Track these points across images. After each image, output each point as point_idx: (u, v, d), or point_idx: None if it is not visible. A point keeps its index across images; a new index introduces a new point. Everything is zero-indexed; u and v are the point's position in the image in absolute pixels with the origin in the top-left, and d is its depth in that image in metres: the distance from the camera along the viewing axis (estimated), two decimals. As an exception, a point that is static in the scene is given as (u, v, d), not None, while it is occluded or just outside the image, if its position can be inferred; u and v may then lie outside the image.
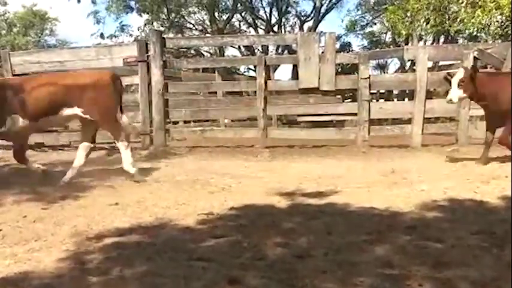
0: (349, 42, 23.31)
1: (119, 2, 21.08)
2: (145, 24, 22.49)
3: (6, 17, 24.86)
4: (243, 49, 22.49)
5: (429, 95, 9.70)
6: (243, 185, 5.73)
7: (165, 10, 21.58)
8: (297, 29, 23.40)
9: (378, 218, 4.10)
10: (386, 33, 21.46)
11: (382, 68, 24.88)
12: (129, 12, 21.96)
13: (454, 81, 6.57)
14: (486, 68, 9.48)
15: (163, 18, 22.18)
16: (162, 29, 19.95)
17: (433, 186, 5.20)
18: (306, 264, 3.03)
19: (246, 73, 22.93)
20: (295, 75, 14.51)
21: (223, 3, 23.10)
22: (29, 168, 6.35)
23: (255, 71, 10.84)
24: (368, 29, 22.81)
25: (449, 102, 6.82)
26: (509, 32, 12.21)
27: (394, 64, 23.90)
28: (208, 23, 23.66)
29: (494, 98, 6.48)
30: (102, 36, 22.40)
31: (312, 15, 23.64)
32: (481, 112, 9.11)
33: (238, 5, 22.93)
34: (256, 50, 21.81)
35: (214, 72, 13.42)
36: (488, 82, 6.59)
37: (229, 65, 13.82)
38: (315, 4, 22.96)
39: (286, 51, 20.96)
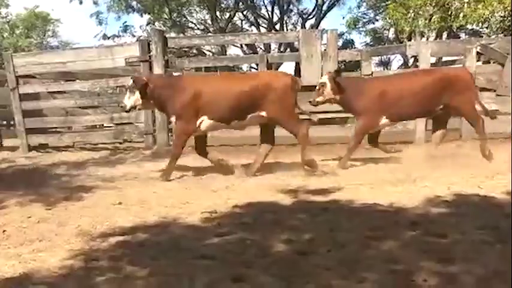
0: (352, 40, 23.23)
1: (121, 2, 21.10)
2: (147, 24, 22.52)
3: (8, 19, 24.91)
4: (245, 48, 22.45)
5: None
6: (246, 183, 5.73)
7: (167, 10, 21.59)
8: (299, 27, 23.34)
9: (382, 214, 4.09)
10: (389, 29, 21.36)
11: (385, 64, 24.82)
12: (130, 13, 21.98)
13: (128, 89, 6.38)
14: (489, 63, 9.45)
15: (165, 18, 22.18)
16: (164, 28, 19.94)
17: (437, 182, 5.18)
18: (309, 261, 3.03)
19: (248, 72, 22.93)
20: (297, 72, 14.48)
21: (225, 2, 23.09)
22: None
23: (257, 69, 10.82)
24: (370, 26, 22.72)
25: (123, 110, 6.61)
26: (511, 25, 12.16)
27: (397, 61, 23.85)
28: (210, 22, 23.65)
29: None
30: (105, 37, 22.42)
31: (314, 13, 23.60)
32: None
33: (240, 3, 22.91)
34: (258, 49, 21.79)
35: (216, 71, 13.42)
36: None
37: (232, 64, 13.79)
38: (316, 2, 22.91)
39: (288, 49, 20.94)
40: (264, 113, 6.28)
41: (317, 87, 6.91)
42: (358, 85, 7.05)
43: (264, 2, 23.56)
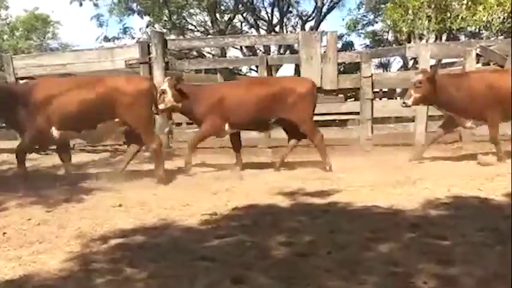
0: (352, 42, 23.18)
1: (121, 4, 21.11)
2: (147, 26, 22.52)
3: (8, 21, 24.90)
4: (244, 50, 22.44)
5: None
6: (246, 185, 5.73)
7: (167, 12, 21.60)
8: (298, 29, 23.28)
9: (382, 216, 4.09)
10: (388, 31, 21.37)
11: (385, 66, 24.76)
12: (130, 15, 21.99)
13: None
14: (489, 64, 9.45)
15: (165, 20, 22.16)
16: (163, 30, 19.94)
17: (437, 184, 5.18)
18: (309, 262, 3.03)
19: (248, 74, 22.91)
20: (297, 74, 14.47)
21: (225, 4, 23.09)
22: None
23: (257, 71, 10.82)
24: (370, 28, 22.72)
25: None
26: (511, 28, 12.17)
27: (397, 62, 23.79)
28: (210, 24, 23.63)
29: None
30: (105, 39, 22.42)
31: (314, 14, 23.58)
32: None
33: (240, 5, 22.91)
34: (258, 51, 21.78)
35: (216, 73, 13.41)
36: None
37: (231, 66, 13.79)
38: (316, 4, 22.90)
39: (288, 51, 20.93)
40: (117, 120, 6.05)
41: (159, 95, 6.63)
42: (198, 92, 6.87)
43: (263, 4, 23.56)
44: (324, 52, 9.33)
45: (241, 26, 24.85)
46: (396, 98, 14.68)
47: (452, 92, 6.61)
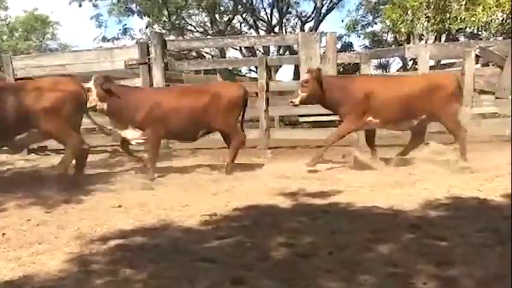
0: (351, 42, 23.18)
1: (120, 5, 21.12)
2: (146, 27, 22.52)
3: (7, 21, 24.90)
4: (244, 50, 22.46)
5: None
6: (245, 186, 5.72)
7: (166, 12, 21.61)
8: (298, 30, 23.29)
9: (382, 216, 4.09)
10: (387, 32, 21.38)
11: (384, 67, 24.75)
12: (130, 15, 22.00)
13: None
14: (488, 65, 9.46)
15: (164, 21, 22.17)
16: (163, 31, 19.95)
17: (437, 185, 5.18)
18: (310, 263, 3.03)
19: (247, 74, 22.92)
20: (296, 75, 14.49)
21: (224, 5, 23.10)
22: None
23: (256, 72, 10.83)
24: (369, 29, 22.73)
25: None
26: (510, 29, 12.19)
27: (396, 63, 23.79)
28: (209, 25, 23.65)
29: None
30: (104, 39, 22.43)
31: (313, 15, 23.60)
32: (483, 110, 9.15)
33: (239, 6, 22.93)
34: (257, 51, 21.78)
35: (215, 74, 13.43)
36: None
37: (231, 67, 13.83)
38: (315, 4, 22.92)
39: (287, 52, 20.94)
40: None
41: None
42: (133, 95, 6.61)
43: (263, 5, 23.57)
44: (324, 53, 9.34)
45: (240, 26, 24.88)
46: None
47: (336, 94, 6.69)
